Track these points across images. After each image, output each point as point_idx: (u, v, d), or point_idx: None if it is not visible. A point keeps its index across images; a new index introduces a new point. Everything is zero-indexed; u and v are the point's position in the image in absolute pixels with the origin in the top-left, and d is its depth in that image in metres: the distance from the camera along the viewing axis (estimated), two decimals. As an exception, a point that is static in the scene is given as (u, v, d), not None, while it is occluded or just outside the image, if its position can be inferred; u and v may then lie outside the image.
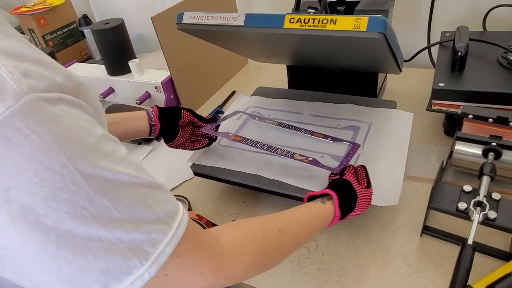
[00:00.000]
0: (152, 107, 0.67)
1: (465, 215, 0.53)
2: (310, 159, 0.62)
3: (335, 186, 0.54)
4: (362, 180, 0.57)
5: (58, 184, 0.27)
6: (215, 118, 0.75)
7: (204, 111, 1.04)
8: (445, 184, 0.59)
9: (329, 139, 0.71)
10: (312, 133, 0.73)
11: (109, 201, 0.29)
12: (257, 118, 0.79)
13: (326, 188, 0.53)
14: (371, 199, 0.56)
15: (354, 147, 0.67)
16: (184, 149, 0.71)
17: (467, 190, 0.56)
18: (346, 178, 0.55)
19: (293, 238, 0.47)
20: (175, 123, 0.68)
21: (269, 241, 0.44)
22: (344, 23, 0.50)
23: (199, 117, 0.71)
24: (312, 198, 0.54)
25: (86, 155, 0.28)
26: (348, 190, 0.53)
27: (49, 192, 0.27)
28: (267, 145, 0.66)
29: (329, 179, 0.60)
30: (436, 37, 0.90)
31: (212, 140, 0.74)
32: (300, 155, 0.63)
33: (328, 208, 0.51)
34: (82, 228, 0.28)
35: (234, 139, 0.69)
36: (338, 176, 0.57)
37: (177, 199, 0.75)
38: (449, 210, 0.54)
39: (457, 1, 0.97)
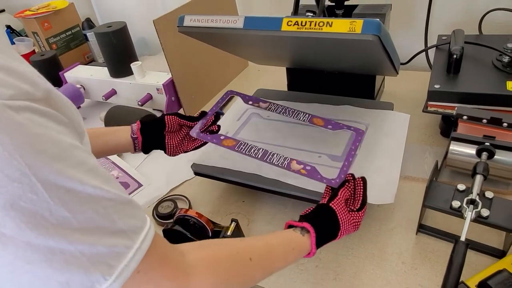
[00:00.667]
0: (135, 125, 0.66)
1: (458, 213, 0.54)
2: (308, 168, 0.60)
3: (316, 216, 0.52)
4: (358, 198, 0.56)
5: (17, 192, 0.26)
6: (204, 113, 0.72)
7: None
8: (440, 183, 0.60)
9: (330, 126, 0.69)
10: (311, 119, 0.70)
11: (69, 212, 0.28)
12: (254, 105, 0.78)
13: (306, 221, 0.51)
14: (360, 222, 0.55)
15: (357, 136, 0.65)
16: (184, 152, 0.71)
17: (461, 189, 0.57)
18: (333, 206, 0.53)
19: (264, 267, 0.46)
20: (159, 133, 0.67)
21: (237, 267, 0.43)
22: (340, 26, 0.51)
23: (188, 118, 0.70)
24: (292, 226, 0.52)
25: (49, 165, 0.28)
26: (331, 221, 0.52)
27: (6, 200, 0.26)
28: (263, 151, 0.63)
29: (324, 193, 0.59)
30: (433, 41, 0.92)
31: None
32: (297, 162, 0.61)
33: (305, 241, 0.49)
34: (42, 239, 0.27)
35: (225, 145, 0.66)
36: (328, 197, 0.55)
37: (177, 198, 0.78)
38: (443, 208, 0.56)
39: (453, 5, 0.99)
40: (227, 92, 0.78)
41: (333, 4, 0.86)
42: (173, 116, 0.68)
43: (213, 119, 0.72)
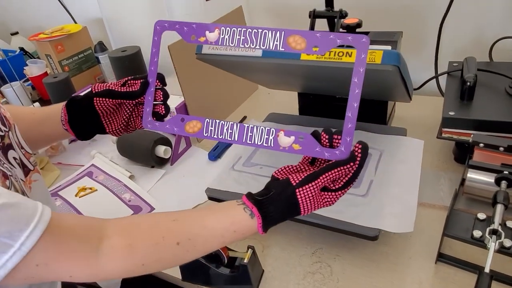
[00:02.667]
0: (63, 104, 0.57)
1: (480, 243, 0.54)
2: (301, 139, 0.47)
3: (272, 201, 0.44)
4: (344, 178, 0.45)
5: None
6: (145, 83, 0.56)
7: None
8: (459, 211, 0.59)
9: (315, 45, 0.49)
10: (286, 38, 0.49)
11: None
12: None
13: (256, 206, 0.44)
14: (334, 201, 0.47)
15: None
16: (139, 128, 0.60)
17: (481, 218, 0.56)
18: (300, 195, 0.44)
19: (193, 250, 0.45)
20: (93, 121, 0.57)
21: (159, 253, 0.43)
22: (360, 56, 0.52)
23: (124, 94, 0.55)
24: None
25: None
26: (290, 206, 0.44)
27: None
28: (238, 128, 0.51)
29: (302, 160, 0.48)
30: (442, 66, 0.93)
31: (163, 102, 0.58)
32: (285, 133, 0.49)
33: (251, 225, 0.45)
34: None
35: (191, 132, 0.54)
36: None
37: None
38: (465, 238, 0.55)
39: (462, 32, 1.00)
40: (154, 25, 0.55)
41: (345, 31, 0.87)
42: (103, 99, 0.55)
43: (161, 93, 0.57)
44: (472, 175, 0.63)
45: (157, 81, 0.56)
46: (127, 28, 1.32)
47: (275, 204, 0.45)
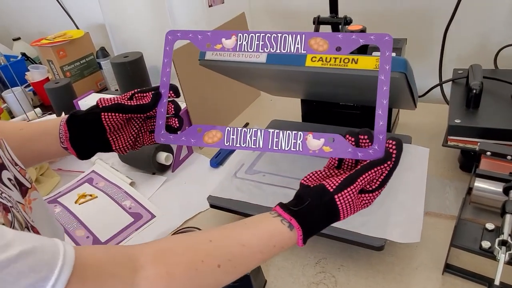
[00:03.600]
0: (62, 120, 0.52)
1: (489, 254, 0.52)
2: (332, 141, 0.47)
3: (310, 210, 0.42)
4: (379, 177, 0.44)
5: None
6: (157, 95, 0.53)
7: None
8: (467, 221, 0.58)
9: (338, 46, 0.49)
10: (307, 40, 0.48)
11: None
12: None
13: (294, 217, 0.42)
14: (372, 202, 0.46)
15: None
16: (148, 144, 0.57)
17: (489, 228, 0.55)
18: (339, 201, 0.42)
19: (234, 272, 0.42)
20: (98, 137, 0.52)
21: (200, 279, 0.39)
22: (366, 63, 0.51)
23: (135, 108, 0.52)
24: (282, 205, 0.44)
25: None
26: (329, 213, 0.43)
27: None
28: (263, 135, 0.49)
29: (330, 162, 0.46)
30: (446, 73, 0.92)
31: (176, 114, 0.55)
32: (314, 136, 0.48)
33: (291, 237, 0.42)
34: None
35: (210, 143, 0.51)
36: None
37: (191, 230, 0.76)
38: (473, 249, 0.54)
39: (467, 40, 1.00)
40: (166, 35, 0.53)
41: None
42: (112, 114, 0.51)
43: (172, 105, 0.54)
44: (479, 184, 0.62)
45: (170, 92, 0.54)
46: (129, 34, 1.31)
47: (314, 213, 0.43)
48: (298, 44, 0.45)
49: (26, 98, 1.30)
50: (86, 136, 0.52)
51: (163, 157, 0.90)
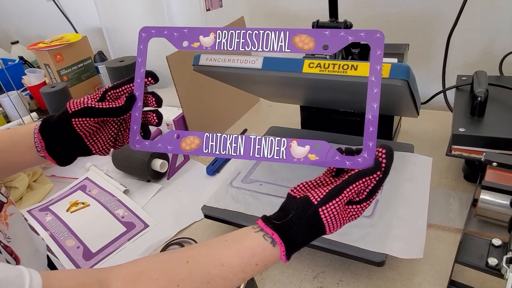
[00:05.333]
0: (35, 128, 0.49)
1: (496, 272, 0.49)
2: (318, 149, 0.44)
3: (292, 225, 0.40)
4: (367, 188, 0.41)
5: None
6: (132, 97, 0.49)
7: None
8: (473, 236, 0.55)
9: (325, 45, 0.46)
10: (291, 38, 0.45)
11: None
12: None
13: (277, 232, 0.39)
14: (359, 215, 0.43)
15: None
16: (127, 143, 0.53)
17: (496, 244, 0.52)
18: (323, 214, 0.39)
19: None
20: (75, 143, 0.49)
21: None
22: (366, 69, 0.49)
23: (108, 111, 0.48)
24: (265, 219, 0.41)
25: None
26: (313, 227, 0.40)
27: None
28: (244, 141, 0.46)
29: (324, 173, 0.44)
30: (450, 80, 0.90)
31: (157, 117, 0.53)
32: (298, 143, 0.45)
33: (274, 254, 0.40)
34: None
35: (188, 150, 0.48)
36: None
37: (185, 241, 0.73)
38: (479, 266, 0.51)
39: (471, 46, 0.97)
40: (139, 32, 0.51)
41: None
42: (83, 119, 0.47)
43: (152, 98, 0.51)
44: (485, 196, 0.59)
45: (147, 79, 0.50)
46: (126, 38, 1.30)
47: (297, 228, 0.40)
48: (281, 42, 0.41)
49: (23, 102, 1.28)
50: (63, 143, 0.49)
51: (158, 164, 0.88)
